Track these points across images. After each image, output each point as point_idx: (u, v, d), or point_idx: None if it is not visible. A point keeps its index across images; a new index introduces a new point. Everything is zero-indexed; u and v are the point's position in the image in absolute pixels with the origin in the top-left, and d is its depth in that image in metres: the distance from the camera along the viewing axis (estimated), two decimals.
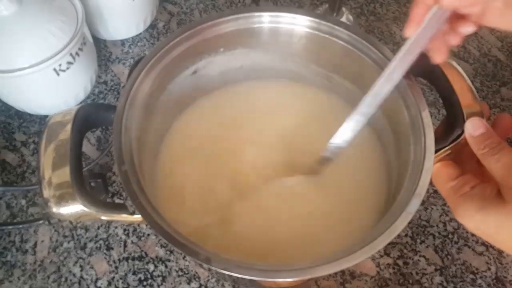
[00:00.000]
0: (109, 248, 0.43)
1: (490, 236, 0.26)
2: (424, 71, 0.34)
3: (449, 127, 0.31)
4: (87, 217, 0.29)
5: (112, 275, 0.41)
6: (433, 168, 0.30)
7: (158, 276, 0.41)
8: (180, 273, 0.41)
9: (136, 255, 0.42)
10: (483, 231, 0.26)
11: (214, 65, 0.41)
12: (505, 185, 0.26)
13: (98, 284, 0.41)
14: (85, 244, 0.43)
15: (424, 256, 0.42)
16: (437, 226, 0.44)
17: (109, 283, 0.41)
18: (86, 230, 0.44)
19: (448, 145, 0.31)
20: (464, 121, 0.30)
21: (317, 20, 0.37)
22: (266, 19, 0.38)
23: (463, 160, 0.30)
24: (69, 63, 0.45)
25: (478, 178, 0.28)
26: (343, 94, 0.42)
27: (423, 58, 0.30)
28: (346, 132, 0.32)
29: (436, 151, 0.31)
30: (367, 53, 0.36)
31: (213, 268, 0.26)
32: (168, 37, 0.36)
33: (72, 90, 0.48)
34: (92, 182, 0.42)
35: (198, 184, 0.38)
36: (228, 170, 0.39)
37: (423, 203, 0.39)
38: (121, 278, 0.41)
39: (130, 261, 0.42)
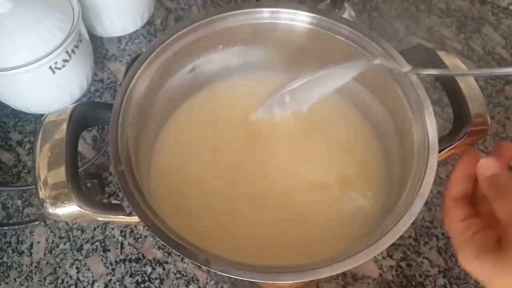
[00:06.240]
0: (105, 249, 0.42)
1: (486, 283, 0.26)
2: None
3: (457, 125, 0.30)
4: (83, 218, 0.29)
5: (109, 277, 0.41)
6: (445, 207, 0.29)
7: (156, 278, 0.41)
8: (178, 275, 0.41)
9: (133, 257, 0.42)
10: (480, 277, 0.26)
11: (212, 62, 0.40)
12: (507, 230, 0.25)
13: (95, 286, 0.40)
14: (82, 245, 0.42)
15: (427, 258, 0.42)
16: (440, 227, 0.43)
17: (106, 286, 0.40)
18: (82, 231, 0.43)
19: (453, 144, 0.30)
20: (471, 119, 0.29)
21: (318, 16, 0.36)
22: (266, 15, 0.37)
23: (478, 199, 0.29)
24: (65, 60, 0.44)
25: (492, 219, 0.27)
26: (344, 90, 0.41)
27: (430, 53, 0.29)
28: None
29: (441, 150, 0.30)
30: (369, 50, 0.35)
31: (212, 270, 0.26)
32: (166, 34, 0.35)
33: (67, 88, 0.48)
34: (88, 182, 0.42)
35: (194, 182, 0.37)
36: (225, 166, 0.38)
37: (426, 203, 0.38)
38: (118, 281, 0.40)
39: (127, 263, 0.41)
